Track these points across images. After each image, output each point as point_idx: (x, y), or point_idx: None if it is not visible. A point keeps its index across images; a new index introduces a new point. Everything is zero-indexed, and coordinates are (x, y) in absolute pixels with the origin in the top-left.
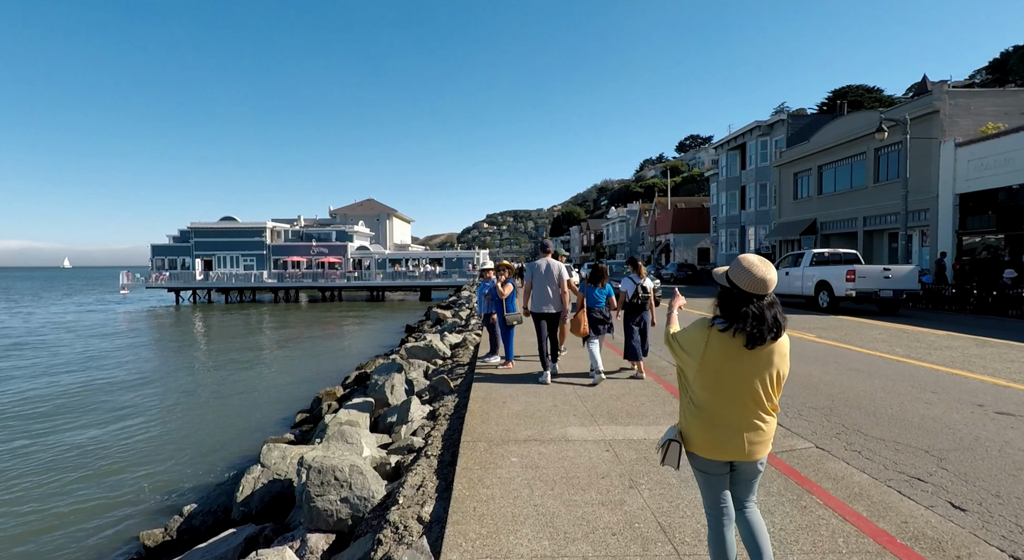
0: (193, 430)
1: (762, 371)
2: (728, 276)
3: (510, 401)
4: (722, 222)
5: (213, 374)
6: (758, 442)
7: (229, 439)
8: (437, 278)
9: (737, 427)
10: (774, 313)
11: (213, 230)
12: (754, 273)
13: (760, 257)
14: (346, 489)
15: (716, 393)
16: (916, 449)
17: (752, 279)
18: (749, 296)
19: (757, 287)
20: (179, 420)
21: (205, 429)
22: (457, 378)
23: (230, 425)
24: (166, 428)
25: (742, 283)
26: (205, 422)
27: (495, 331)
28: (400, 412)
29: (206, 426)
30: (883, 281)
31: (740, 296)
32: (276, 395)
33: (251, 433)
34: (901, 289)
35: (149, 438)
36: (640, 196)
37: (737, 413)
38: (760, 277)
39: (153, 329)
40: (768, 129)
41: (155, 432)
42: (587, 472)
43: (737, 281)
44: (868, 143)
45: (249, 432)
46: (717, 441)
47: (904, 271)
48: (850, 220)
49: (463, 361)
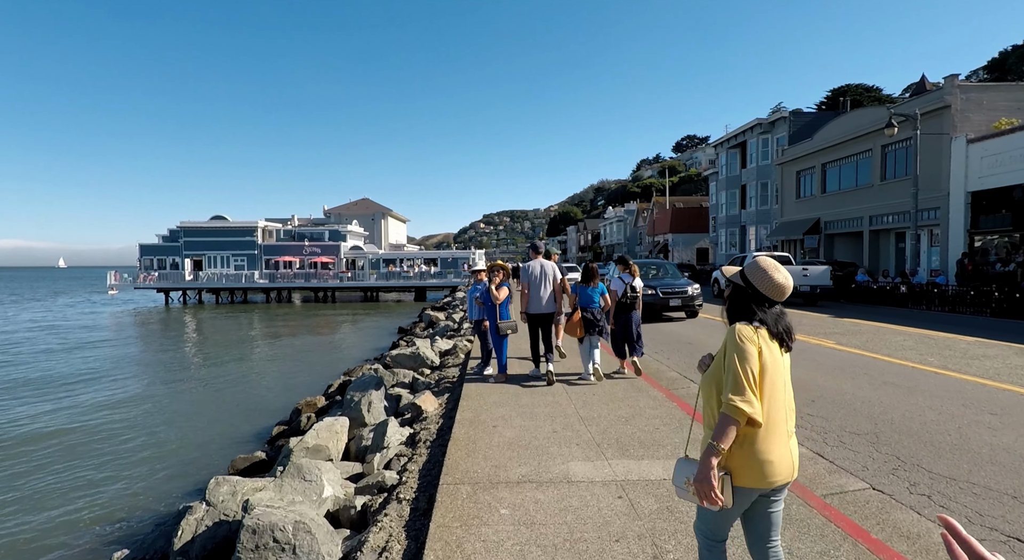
0: (158, 448)
1: (789, 376)
2: (745, 275)
3: (502, 425)
4: (722, 222)
5: (192, 380)
6: (797, 455)
7: (194, 458)
8: (432, 278)
9: (787, 441)
10: (787, 323)
11: (203, 229)
12: (774, 278)
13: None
14: (288, 554)
15: (772, 404)
16: (1000, 493)
17: (772, 283)
18: (764, 299)
19: (775, 292)
20: (145, 435)
21: (171, 446)
22: (444, 392)
23: (200, 441)
24: (129, 445)
25: (760, 285)
26: (173, 437)
27: (487, 340)
28: (376, 435)
29: (173, 442)
30: (803, 279)
31: (755, 298)
32: (256, 403)
33: (220, 451)
34: (817, 285)
35: (105, 457)
36: (637, 196)
37: (787, 425)
38: (780, 283)
39: (138, 331)
40: (769, 127)
41: (116, 449)
42: (596, 532)
43: (754, 281)
44: (874, 140)
45: (218, 450)
46: (774, 464)
47: (819, 271)
48: (855, 219)
49: (452, 372)
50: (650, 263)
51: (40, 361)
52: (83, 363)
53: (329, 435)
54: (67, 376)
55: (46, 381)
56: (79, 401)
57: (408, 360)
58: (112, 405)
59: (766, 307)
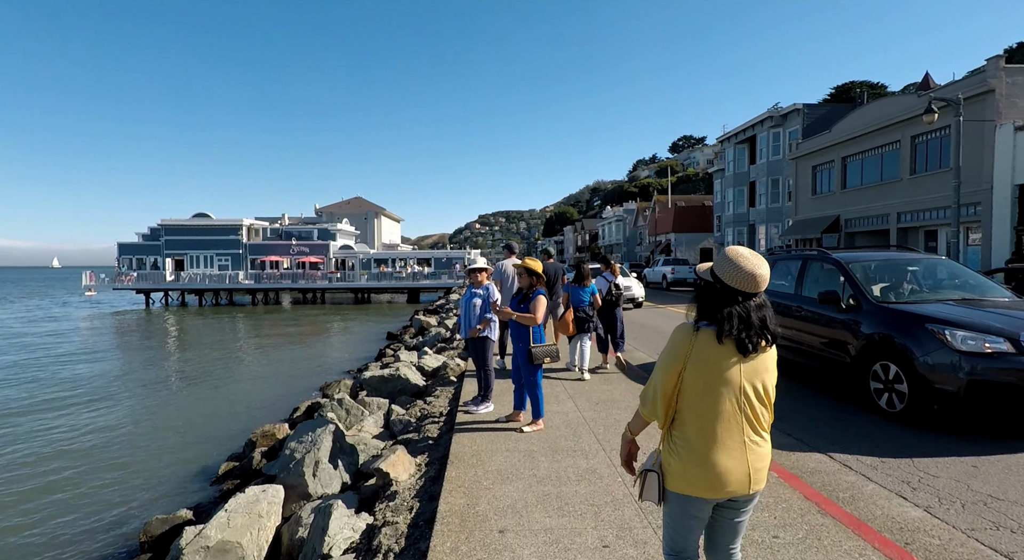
0: (70, 502)
1: (756, 380)
2: (713, 270)
3: (514, 529)
4: (728, 220)
5: (148, 397)
6: (761, 467)
7: (104, 518)
8: (425, 279)
9: (740, 452)
10: (763, 315)
11: (185, 228)
12: (742, 266)
13: (751, 250)
14: None
15: (709, 413)
16: None
17: (739, 273)
18: (735, 293)
19: (745, 283)
20: (61, 475)
21: (85, 491)
22: (424, 447)
23: (129, 487)
24: (26, 505)
25: (728, 278)
26: (91, 480)
27: (486, 364)
28: (314, 531)
29: (91, 483)
30: (689, 274)
31: (724, 293)
32: (213, 429)
33: (145, 503)
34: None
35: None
36: (634, 196)
37: (737, 435)
38: (749, 271)
39: (113, 340)
40: (781, 120)
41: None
42: None
43: (722, 275)
44: (903, 130)
45: (144, 503)
46: (715, 474)
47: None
48: (881, 216)
49: (440, 403)
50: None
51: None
52: (31, 381)
53: (246, 522)
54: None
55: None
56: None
57: (385, 384)
58: (27, 436)
59: (739, 301)
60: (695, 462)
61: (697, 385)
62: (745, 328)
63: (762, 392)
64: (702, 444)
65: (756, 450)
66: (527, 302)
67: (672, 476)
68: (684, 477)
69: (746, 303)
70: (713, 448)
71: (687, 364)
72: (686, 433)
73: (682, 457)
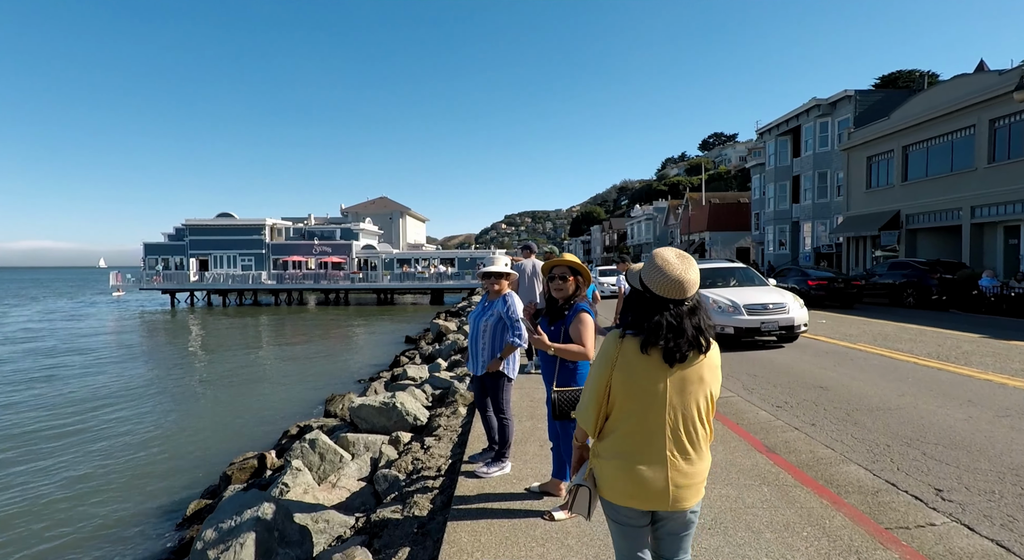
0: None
1: (687, 393)
2: (640, 277)
3: None
4: (768, 218)
5: (148, 412)
6: (686, 485)
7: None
8: (449, 280)
9: (660, 466)
10: (696, 322)
11: (209, 228)
12: (667, 272)
13: (679, 252)
14: None
15: (631, 423)
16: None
17: (664, 280)
18: (664, 302)
19: (671, 290)
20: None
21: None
22: (405, 542)
23: (96, 525)
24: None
25: (654, 285)
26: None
27: (504, 407)
28: None
29: (63, 514)
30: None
31: (652, 301)
32: (195, 451)
33: (102, 545)
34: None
35: None
36: (663, 194)
37: (659, 449)
38: (675, 278)
39: (140, 343)
40: (830, 108)
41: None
42: None
43: (649, 282)
44: (979, 113)
45: (100, 544)
46: (636, 485)
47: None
48: (951, 211)
49: (438, 453)
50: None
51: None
52: (49, 386)
53: None
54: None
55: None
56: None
57: (378, 416)
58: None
59: (669, 308)
60: (619, 470)
61: (622, 394)
62: (675, 337)
63: (694, 406)
64: (625, 454)
65: (680, 466)
66: (565, 322)
67: (600, 482)
68: (611, 486)
69: (677, 309)
70: (634, 459)
71: (614, 372)
72: (612, 442)
73: (609, 465)
